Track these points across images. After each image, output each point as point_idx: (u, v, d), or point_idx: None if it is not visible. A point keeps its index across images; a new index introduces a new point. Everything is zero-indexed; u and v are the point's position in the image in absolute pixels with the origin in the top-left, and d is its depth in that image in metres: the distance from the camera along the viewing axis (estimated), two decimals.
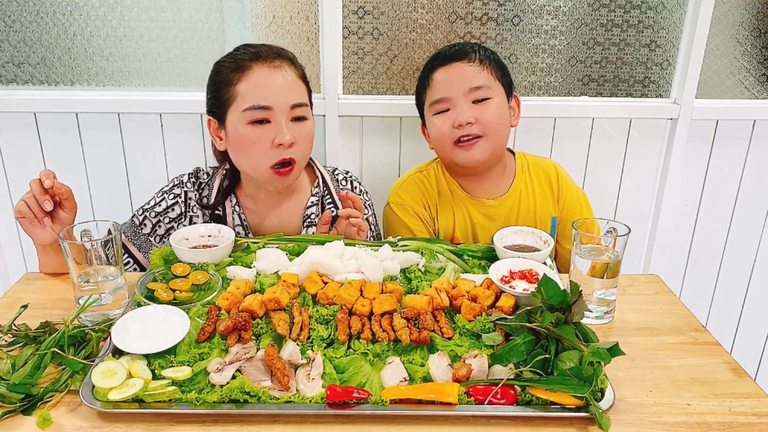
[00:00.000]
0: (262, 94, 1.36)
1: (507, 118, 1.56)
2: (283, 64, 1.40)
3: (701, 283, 2.19)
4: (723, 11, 1.90)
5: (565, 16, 1.87)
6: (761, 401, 0.98)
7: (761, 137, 2.01)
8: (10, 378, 0.96)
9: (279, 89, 1.37)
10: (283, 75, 1.39)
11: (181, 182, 1.54)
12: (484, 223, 1.63)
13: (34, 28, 1.79)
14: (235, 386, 0.92)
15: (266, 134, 1.37)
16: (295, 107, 1.39)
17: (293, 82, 1.40)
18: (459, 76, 1.51)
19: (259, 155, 1.39)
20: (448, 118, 1.52)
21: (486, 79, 1.51)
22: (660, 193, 2.03)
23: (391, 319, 1.09)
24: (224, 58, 1.43)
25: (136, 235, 1.51)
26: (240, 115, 1.37)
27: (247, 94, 1.36)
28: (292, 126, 1.39)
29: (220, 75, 1.41)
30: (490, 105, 1.51)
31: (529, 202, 1.64)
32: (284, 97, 1.37)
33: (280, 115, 1.37)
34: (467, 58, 1.51)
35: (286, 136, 1.36)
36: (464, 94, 1.50)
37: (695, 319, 1.22)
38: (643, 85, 1.97)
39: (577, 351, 0.97)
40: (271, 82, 1.37)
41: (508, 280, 1.22)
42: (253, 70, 1.37)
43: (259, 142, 1.37)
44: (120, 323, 1.06)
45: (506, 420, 0.93)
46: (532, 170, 1.67)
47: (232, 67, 1.39)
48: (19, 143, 1.87)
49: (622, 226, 1.18)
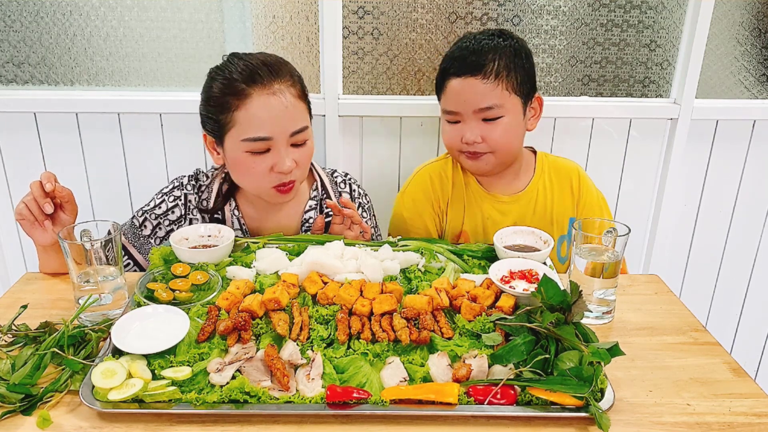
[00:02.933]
0: (260, 125, 1.31)
1: (519, 132, 1.53)
2: (281, 86, 1.33)
3: (701, 283, 2.19)
4: (723, 11, 1.90)
5: (565, 16, 1.87)
6: (761, 401, 0.98)
7: (761, 137, 2.01)
8: (10, 378, 0.96)
9: (278, 118, 1.32)
10: (281, 101, 1.32)
11: (182, 184, 1.53)
12: (495, 218, 1.60)
13: (34, 28, 1.79)
14: (235, 386, 0.92)
15: (265, 162, 1.35)
16: (295, 134, 1.35)
17: (293, 106, 1.34)
18: (471, 94, 1.46)
19: (257, 179, 1.37)
20: (457, 130, 1.51)
21: (498, 98, 1.45)
22: (660, 193, 2.03)
23: (391, 319, 1.09)
24: (219, 73, 1.36)
25: (136, 236, 1.50)
26: (238, 143, 1.34)
27: (246, 124, 1.31)
28: (292, 151, 1.36)
29: (216, 96, 1.35)
30: (500, 124, 1.47)
31: (546, 201, 1.62)
32: (283, 127, 1.33)
33: (280, 143, 1.34)
34: (482, 74, 1.44)
35: (286, 164, 1.34)
36: (474, 113, 1.47)
37: (695, 319, 1.22)
38: (643, 85, 1.97)
39: (577, 351, 0.97)
40: (270, 112, 1.31)
41: (508, 280, 1.22)
42: (252, 99, 1.31)
43: (257, 169, 1.35)
44: (120, 323, 1.06)
45: (506, 420, 0.93)
46: (552, 171, 1.65)
47: (228, 90, 1.32)
48: (19, 143, 1.87)
49: (622, 226, 1.18)
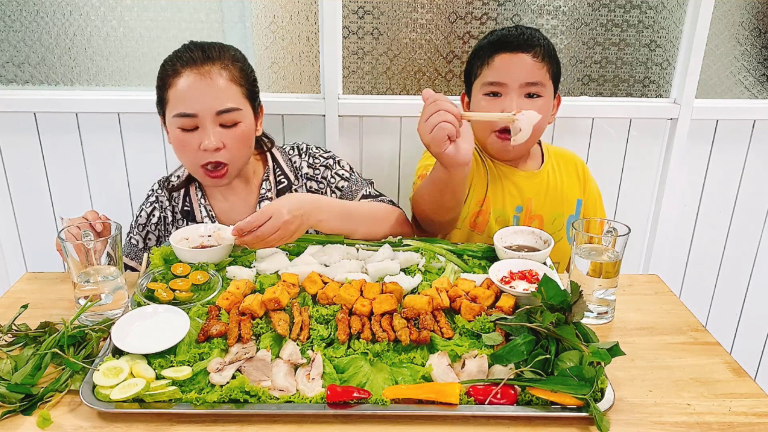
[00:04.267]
0: (186, 102, 1.37)
1: (547, 117, 1.57)
2: (212, 68, 1.38)
3: (701, 283, 2.19)
4: (723, 11, 1.90)
5: (565, 16, 1.87)
6: (761, 401, 0.98)
7: (761, 137, 2.01)
8: (11, 378, 0.96)
9: (203, 97, 1.37)
10: (208, 82, 1.37)
11: (153, 190, 1.59)
12: (513, 192, 1.63)
13: (34, 28, 1.79)
14: (235, 386, 0.92)
15: (194, 139, 1.40)
16: (221, 113, 1.39)
17: (222, 88, 1.38)
18: (520, 67, 1.50)
19: (190, 156, 1.42)
20: (497, 103, 1.52)
21: (543, 77, 1.51)
22: (660, 193, 2.03)
23: (391, 319, 1.09)
24: (169, 57, 1.43)
25: (135, 253, 1.56)
26: (171, 119, 1.40)
27: (175, 101, 1.39)
28: (220, 132, 1.40)
29: (161, 75, 1.42)
30: (538, 103, 1.52)
31: (557, 182, 1.66)
32: (208, 105, 1.37)
33: (206, 120, 1.38)
34: (533, 52, 1.50)
35: (212, 143, 1.38)
36: (520, 86, 1.50)
37: (695, 319, 1.22)
38: (643, 85, 1.97)
39: (577, 351, 0.97)
40: (195, 91, 1.37)
41: (508, 281, 1.22)
42: (182, 77, 1.37)
43: (188, 146, 1.41)
44: (120, 323, 1.06)
45: (506, 420, 0.93)
46: (558, 157, 1.71)
47: (166, 70, 1.41)
48: (19, 143, 1.87)
49: (622, 226, 1.18)
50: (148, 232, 1.56)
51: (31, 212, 1.96)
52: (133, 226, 1.57)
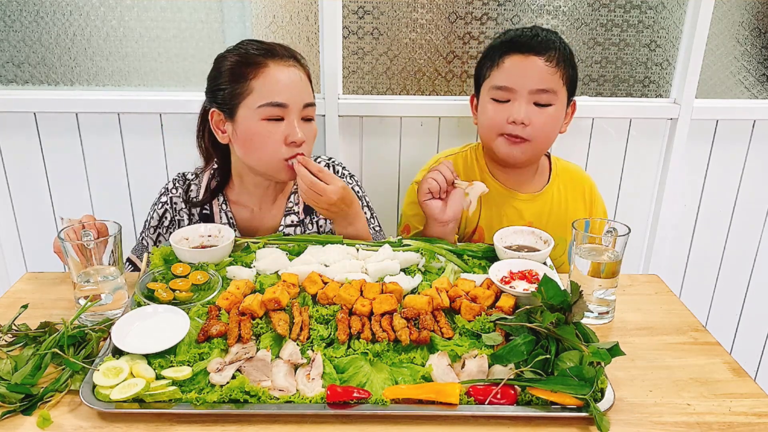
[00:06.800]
0: (278, 91, 1.37)
1: (557, 127, 1.53)
2: (296, 64, 1.42)
3: (701, 283, 2.19)
4: (723, 11, 1.90)
5: (565, 16, 1.87)
6: (761, 401, 0.98)
7: (761, 137, 2.01)
8: (11, 378, 0.96)
9: (294, 87, 1.39)
10: (296, 73, 1.41)
11: (167, 189, 1.55)
12: (511, 217, 1.60)
13: (34, 28, 1.79)
14: (235, 386, 0.92)
15: (279, 131, 1.38)
16: (306, 107, 1.41)
17: (305, 82, 1.43)
18: (531, 72, 1.45)
19: (272, 151, 1.40)
20: (503, 110, 1.48)
21: (556, 84, 1.46)
22: (660, 193, 2.03)
23: (391, 319, 1.09)
24: (231, 52, 1.42)
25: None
26: (254, 111, 1.37)
27: (264, 90, 1.37)
28: (303, 125, 1.41)
29: (230, 68, 1.40)
30: (548, 112, 1.47)
31: (561, 205, 1.63)
32: (298, 96, 1.39)
33: (293, 113, 1.39)
34: (546, 56, 1.44)
35: (299, 134, 1.38)
36: (529, 92, 1.45)
37: (695, 319, 1.22)
38: (643, 85, 1.97)
39: (577, 351, 0.97)
40: (287, 80, 1.39)
41: (508, 281, 1.22)
42: (270, 68, 1.37)
43: (273, 138, 1.38)
44: (120, 323, 1.06)
45: (506, 420, 0.93)
46: (566, 176, 1.66)
47: (244, 61, 1.39)
48: (19, 143, 1.87)
49: (622, 226, 1.18)
50: (159, 234, 1.54)
51: (31, 212, 1.96)
52: (146, 227, 1.55)
